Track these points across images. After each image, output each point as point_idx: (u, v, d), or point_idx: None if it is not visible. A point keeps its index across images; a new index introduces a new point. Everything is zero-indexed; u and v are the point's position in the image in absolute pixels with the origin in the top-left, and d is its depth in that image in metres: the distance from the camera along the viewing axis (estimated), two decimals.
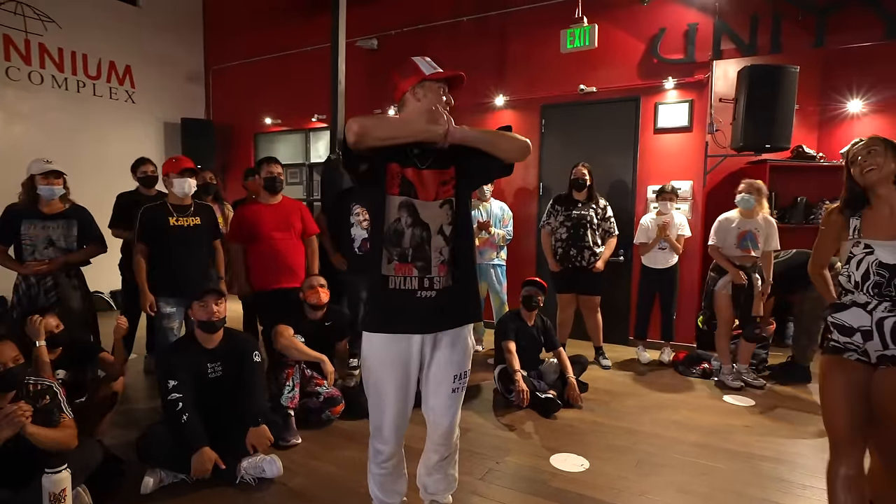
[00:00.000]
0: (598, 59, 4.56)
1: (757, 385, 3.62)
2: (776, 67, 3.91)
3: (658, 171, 4.49)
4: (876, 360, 1.68)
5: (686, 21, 4.36)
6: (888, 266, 1.66)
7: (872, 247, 1.70)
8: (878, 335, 1.67)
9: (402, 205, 1.61)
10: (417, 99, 1.63)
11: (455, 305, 1.68)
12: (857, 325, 1.70)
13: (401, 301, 1.63)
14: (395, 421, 1.72)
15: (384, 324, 1.66)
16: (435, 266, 1.62)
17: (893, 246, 1.67)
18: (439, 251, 1.62)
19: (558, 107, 4.89)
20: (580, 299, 4.07)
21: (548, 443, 2.75)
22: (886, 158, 1.71)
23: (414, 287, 1.62)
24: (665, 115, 4.46)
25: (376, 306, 1.67)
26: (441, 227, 1.63)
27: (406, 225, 1.61)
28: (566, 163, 4.69)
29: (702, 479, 2.39)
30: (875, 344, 1.67)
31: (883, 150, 1.72)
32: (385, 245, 1.62)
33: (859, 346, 1.70)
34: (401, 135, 1.55)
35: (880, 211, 1.73)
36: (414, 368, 1.69)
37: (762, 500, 2.21)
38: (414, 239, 1.61)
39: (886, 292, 1.66)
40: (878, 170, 1.71)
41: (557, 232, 4.00)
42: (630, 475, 2.41)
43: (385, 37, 5.71)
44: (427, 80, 1.62)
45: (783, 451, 2.68)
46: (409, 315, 1.64)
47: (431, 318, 1.65)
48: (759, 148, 4.01)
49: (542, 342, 3.55)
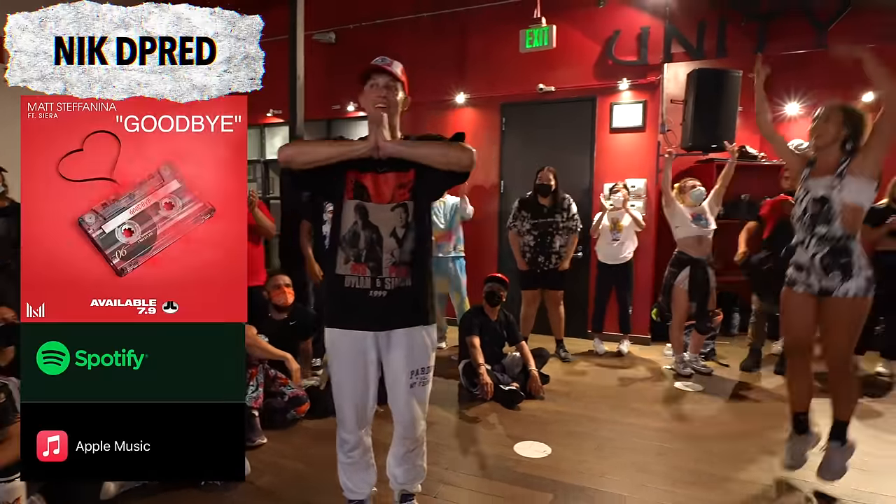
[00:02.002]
0: (556, 60, 4.76)
1: (705, 372, 3.91)
2: (721, 71, 4.22)
3: (614, 169, 4.74)
4: (818, 292, 2.13)
5: (639, 24, 4.62)
6: (818, 198, 2.11)
7: (809, 187, 2.17)
8: (812, 269, 2.13)
9: (355, 208, 1.73)
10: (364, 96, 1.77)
11: (407, 306, 1.77)
12: (803, 263, 2.16)
13: (355, 299, 1.74)
14: (356, 412, 1.84)
15: (340, 320, 1.79)
16: (386, 267, 1.73)
17: (820, 182, 2.12)
18: (391, 253, 1.73)
19: (518, 105, 5.06)
20: (544, 294, 4.25)
21: (512, 432, 2.89)
22: (835, 124, 2.13)
23: (367, 286, 1.73)
24: (620, 116, 4.71)
25: (334, 303, 1.80)
26: (394, 229, 1.73)
27: (360, 227, 1.73)
28: (526, 161, 4.88)
29: (658, 459, 2.59)
30: (813, 277, 2.14)
31: (831, 117, 2.15)
32: (342, 246, 1.74)
33: (805, 281, 2.17)
34: (322, 157, 1.68)
35: (821, 161, 2.18)
36: (371, 363, 1.81)
37: (711, 474, 2.43)
38: (366, 241, 1.72)
39: (816, 224, 2.10)
40: (824, 136, 2.15)
41: (525, 238, 4.14)
42: (590, 458, 2.58)
43: (343, 31, 5.72)
44: (372, 73, 1.75)
45: (730, 430, 2.92)
46: (363, 313, 1.75)
47: (383, 316, 1.76)
48: (706, 148, 4.31)
49: (504, 336, 3.70)
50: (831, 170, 2.10)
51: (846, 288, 2.06)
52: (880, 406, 3.31)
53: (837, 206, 2.05)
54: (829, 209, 2.06)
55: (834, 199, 2.05)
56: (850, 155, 2.09)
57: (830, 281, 2.08)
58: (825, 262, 2.08)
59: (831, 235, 2.07)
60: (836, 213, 2.05)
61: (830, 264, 2.07)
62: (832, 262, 2.07)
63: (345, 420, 1.85)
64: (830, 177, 2.08)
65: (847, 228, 2.06)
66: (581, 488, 2.31)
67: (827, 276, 2.08)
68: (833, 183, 2.06)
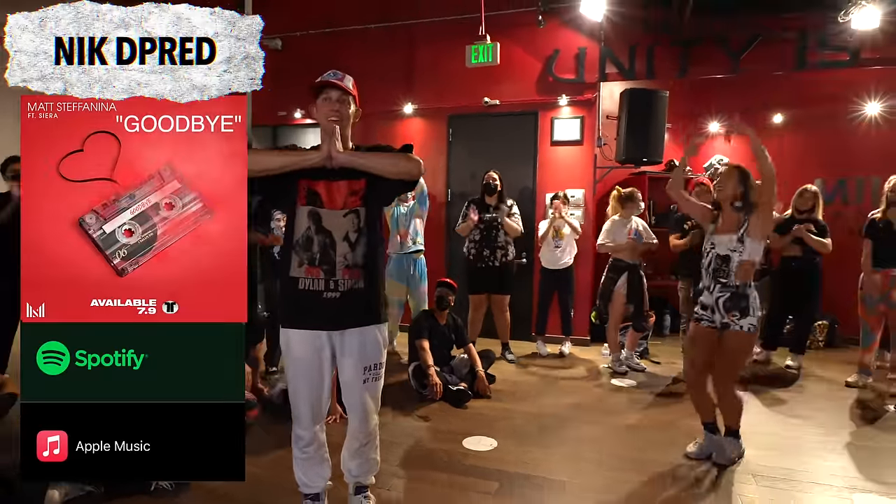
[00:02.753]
0: (500, 74, 5.03)
1: (639, 369, 4.22)
2: (650, 91, 4.62)
3: (555, 180, 5.04)
4: (720, 326, 2.56)
5: (577, 45, 4.97)
6: (721, 256, 2.56)
7: (714, 242, 2.61)
8: (716, 309, 2.57)
9: (308, 214, 1.84)
10: (317, 109, 1.89)
11: (360, 306, 1.88)
12: (708, 304, 2.60)
13: (309, 301, 1.85)
14: (312, 408, 1.93)
15: (295, 320, 1.88)
16: (339, 270, 1.84)
17: (723, 240, 2.56)
18: (344, 256, 1.84)
19: (464, 117, 5.28)
20: (491, 298, 4.44)
21: (460, 428, 3.04)
22: (732, 182, 2.58)
23: (320, 288, 1.84)
24: (560, 129, 5.02)
25: (288, 305, 1.90)
26: (346, 234, 1.85)
27: (313, 232, 1.84)
28: (473, 170, 5.09)
29: (594, 447, 2.81)
30: (717, 315, 2.57)
31: (729, 176, 2.61)
32: (295, 250, 1.85)
33: (709, 318, 2.60)
34: (276, 167, 1.78)
35: (725, 219, 2.62)
36: (325, 361, 1.90)
37: (639, 459, 2.68)
38: (319, 245, 1.83)
39: (718, 276, 2.55)
40: (724, 191, 2.61)
41: (472, 233, 4.37)
42: (534, 449, 2.77)
43: (290, 38, 5.74)
44: (324, 87, 1.86)
45: (659, 420, 3.21)
46: (317, 313, 1.86)
47: (337, 316, 1.87)
48: (638, 161, 4.69)
49: (453, 339, 3.86)
50: (733, 229, 2.55)
51: (741, 324, 2.52)
52: (786, 395, 3.72)
53: (736, 263, 2.52)
54: (730, 265, 2.53)
55: (734, 259, 2.52)
56: (747, 215, 2.55)
57: (731, 318, 2.53)
58: (727, 304, 2.53)
59: (732, 284, 2.53)
60: (736, 268, 2.52)
61: (731, 307, 2.53)
62: (733, 305, 2.53)
63: (300, 417, 1.93)
64: (733, 237, 2.54)
65: (744, 279, 2.52)
66: (525, 476, 2.48)
67: (728, 314, 2.53)
68: (735, 246, 2.52)
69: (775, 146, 4.67)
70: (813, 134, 5.15)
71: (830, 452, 2.77)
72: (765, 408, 3.46)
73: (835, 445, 2.86)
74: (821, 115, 5.06)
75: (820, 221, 4.07)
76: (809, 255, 4.07)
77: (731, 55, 4.78)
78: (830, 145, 5.12)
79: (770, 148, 2.64)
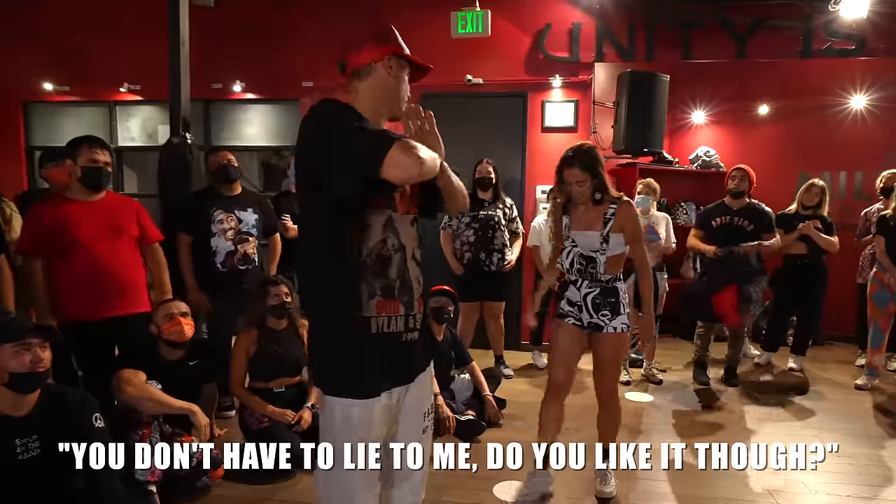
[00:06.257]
0: (485, 49, 4.57)
1: (656, 381, 3.97)
2: (652, 74, 4.36)
3: (547, 170, 4.63)
4: (587, 326, 2.34)
5: (571, 20, 4.62)
6: (586, 256, 2.31)
7: (575, 241, 2.35)
8: (584, 307, 2.33)
9: (386, 222, 1.34)
10: (392, 75, 1.44)
11: (427, 344, 1.53)
12: (575, 300, 2.36)
13: (387, 349, 1.35)
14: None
15: (371, 384, 1.34)
16: (416, 300, 1.41)
17: (585, 237, 2.30)
18: (417, 280, 1.41)
19: (443, 96, 4.76)
20: (484, 306, 4.01)
21: (483, 472, 2.54)
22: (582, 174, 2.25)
23: (400, 329, 1.36)
24: (552, 114, 4.67)
25: (355, 361, 1.33)
26: (413, 249, 1.42)
27: (393, 249, 1.35)
28: (453, 158, 4.55)
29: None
30: (584, 314, 2.34)
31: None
32: (365, 276, 1.31)
33: (576, 316, 2.36)
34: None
35: (581, 213, 2.35)
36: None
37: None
38: (398, 267, 1.35)
39: (585, 273, 2.32)
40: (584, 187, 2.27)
41: (463, 234, 3.88)
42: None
43: None
44: (402, 58, 1.46)
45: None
46: (400, 366, 1.39)
47: (413, 365, 1.45)
48: (638, 151, 4.44)
49: (453, 358, 3.38)
50: (594, 226, 2.30)
51: (613, 325, 2.33)
52: (808, 402, 3.63)
53: (603, 261, 2.31)
54: (596, 264, 2.31)
55: (599, 259, 2.30)
56: (608, 213, 2.28)
57: (601, 319, 2.33)
58: (596, 301, 2.33)
59: (600, 279, 2.33)
60: (603, 265, 2.31)
61: (600, 304, 2.32)
62: (602, 302, 2.33)
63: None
64: (595, 235, 2.29)
65: (614, 272, 2.34)
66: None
67: (597, 314, 2.32)
68: (600, 246, 2.29)
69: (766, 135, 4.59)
70: (802, 125, 5.14)
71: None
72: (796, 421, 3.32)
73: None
74: (809, 107, 5.07)
75: (826, 218, 4.02)
76: (816, 254, 4.01)
77: (737, 39, 4.64)
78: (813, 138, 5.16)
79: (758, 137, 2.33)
